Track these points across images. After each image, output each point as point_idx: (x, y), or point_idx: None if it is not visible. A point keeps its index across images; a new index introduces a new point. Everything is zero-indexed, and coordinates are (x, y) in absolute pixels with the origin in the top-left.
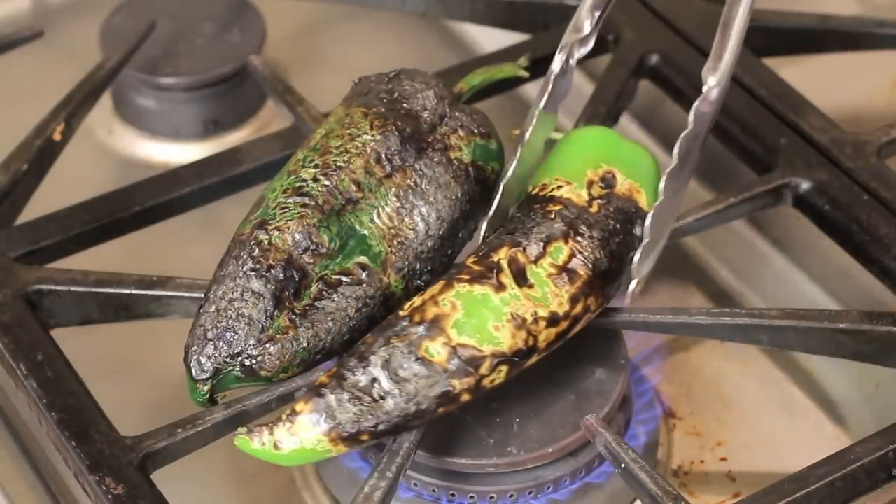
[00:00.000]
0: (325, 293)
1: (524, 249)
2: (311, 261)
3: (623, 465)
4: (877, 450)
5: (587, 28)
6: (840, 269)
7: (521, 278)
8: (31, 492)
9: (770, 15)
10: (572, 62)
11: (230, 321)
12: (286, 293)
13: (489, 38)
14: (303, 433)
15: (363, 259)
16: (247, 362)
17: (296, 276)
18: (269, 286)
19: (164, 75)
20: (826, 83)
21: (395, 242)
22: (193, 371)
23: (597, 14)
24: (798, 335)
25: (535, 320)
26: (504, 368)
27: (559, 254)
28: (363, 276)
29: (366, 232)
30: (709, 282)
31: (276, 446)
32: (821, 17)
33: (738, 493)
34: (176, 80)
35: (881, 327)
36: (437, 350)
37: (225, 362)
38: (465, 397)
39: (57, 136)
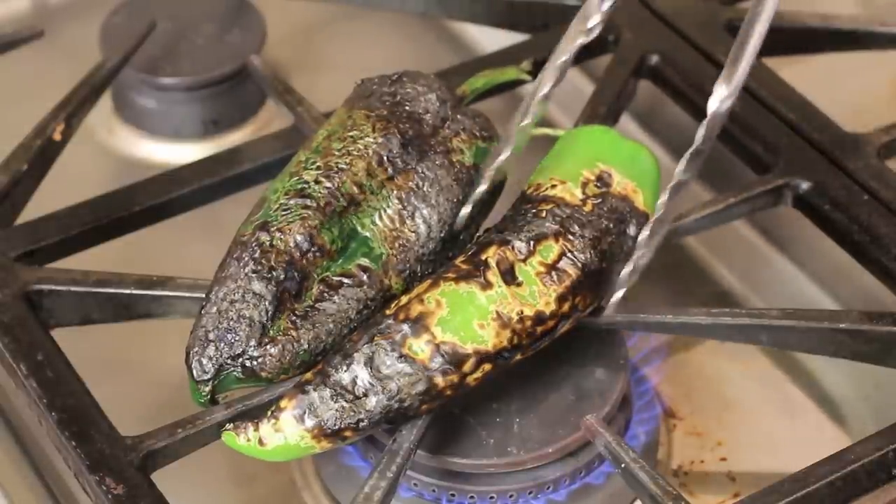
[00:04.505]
0: (326, 295)
1: (513, 247)
2: (313, 262)
3: (623, 465)
4: (877, 450)
5: (594, 20)
6: (840, 269)
7: (508, 276)
8: (31, 492)
9: None
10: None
11: (231, 322)
12: (287, 295)
13: (489, 38)
14: (287, 429)
15: (364, 261)
16: (248, 363)
17: (297, 277)
18: (270, 287)
19: (164, 75)
20: (826, 83)
21: (396, 244)
22: (195, 372)
23: (605, 5)
24: (798, 335)
25: (521, 319)
26: (488, 367)
27: (549, 252)
28: (364, 277)
29: (367, 234)
30: (709, 282)
31: (260, 442)
32: (821, 17)
33: (738, 493)
34: (176, 80)
35: (881, 327)
36: (420, 348)
37: (226, 363)
38: (449, 394)
39: (57, 136)
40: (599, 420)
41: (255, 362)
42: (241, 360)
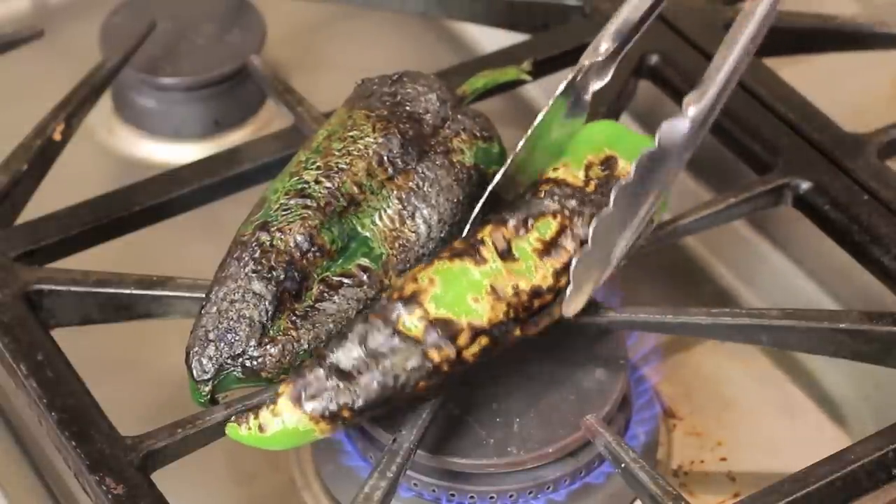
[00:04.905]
0: (326, 295)
1: (509, 225)
2: (313, 262)
3: (623, 465)
4: (877, 450)
5: (604, 49)
6: (840, 269)
7: (504, 252)
8: (31, 492)
9: None
10: (585, 95)
11: (231, 322)
12: (287, 295)
13: (489, 38)
14: (285, 414)
15: (364, 261)
16: (248, 363)
17: (297, 277)
18: (270, 287)
19: (165, 75)
20: (826, 83)
21: (396, 244)
22: (195, 372)
23: (617, 42)
24: (798, 335)
25: (517, 293)
26: (484, 341)
27: (547, 229)
28: (364, 277)
29: (367, 234)
30: (709, 282)
31: (261, 429)
32: (821, 17)
33: (738, 493)
34: (176, 80)
35: (881, 327)
36: (413, 324)
37: (226, 363)
38: (446, 370)
39: (57, 136)
40: (599, 420)
41: (255, 362)
42: (241, 360)
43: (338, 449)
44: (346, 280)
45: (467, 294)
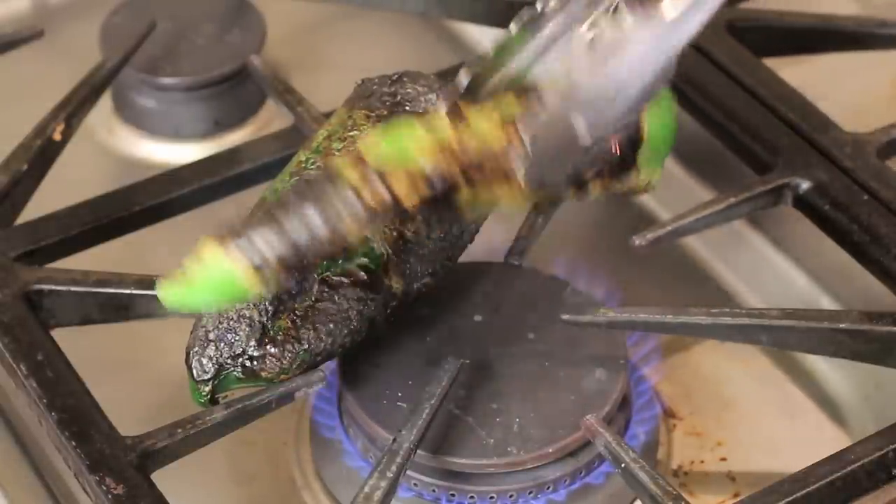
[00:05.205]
0: (326, 295)
1: (466, 101)
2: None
3: (623, 465)
4: (877, 450)
5: None
6: (840, 269)
7: (457, 117)
8: (31, 492)
9: (770, 15)
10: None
11: (231, 322)
12: (287, 295)
13: (489, 38)
14: (209, 258)
15: (364, 261)
16: (248, 363)
17: (297, 277)
18: None
19: (165, 75)
20: (826, 83)
21: (396, 244)
22: (195, 372)
23: None
24: (798, 335)
25: (464, 149)
26: (423, 188)
27: (508, 107)
28: (364, 277)
29: (367, 234)
30: (709, 282)
31: (186, 277)
32: (821, 17)
33: (738, 493)
34: (176, 80)
35: (881, 327)
36: (350, 173)
37: (226, 363)
38: (383, 222)
39: (57, 136)
40: (599, 420)
41: (255, 362)
42: (241, 359)
43: (338, 449)
44: (345, 280)
45: (410, 145)
